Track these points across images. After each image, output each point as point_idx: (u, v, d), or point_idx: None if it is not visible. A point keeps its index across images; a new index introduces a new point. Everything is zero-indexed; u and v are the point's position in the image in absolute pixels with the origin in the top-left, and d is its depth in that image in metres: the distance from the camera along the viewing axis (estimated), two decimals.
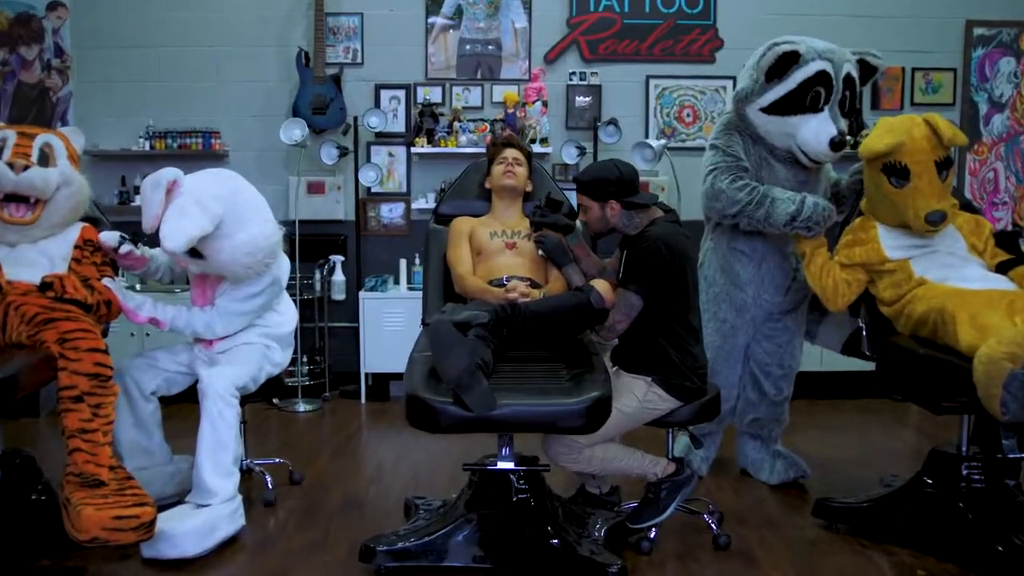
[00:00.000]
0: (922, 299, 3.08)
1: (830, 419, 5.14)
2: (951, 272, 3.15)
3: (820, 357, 4.94)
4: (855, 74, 3.54)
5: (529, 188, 3.59)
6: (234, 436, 3.19)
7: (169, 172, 3.01)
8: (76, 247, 3.25)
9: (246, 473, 3.65)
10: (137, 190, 5.57)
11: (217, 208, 3.02)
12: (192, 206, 2.99)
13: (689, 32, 5.71)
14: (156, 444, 3.44)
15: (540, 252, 3.30)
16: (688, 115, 5.78)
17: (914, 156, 3.14)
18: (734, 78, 5.62)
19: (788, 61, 3.40)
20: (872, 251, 3.29)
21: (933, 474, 3.18)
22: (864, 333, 3.43)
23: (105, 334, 3.35)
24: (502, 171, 3.49)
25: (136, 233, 3.41)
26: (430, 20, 5.67)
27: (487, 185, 3.58)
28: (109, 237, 3.27)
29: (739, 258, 3.70)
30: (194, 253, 3.09)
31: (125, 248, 3.27)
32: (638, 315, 2.96)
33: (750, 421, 3.93)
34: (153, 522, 2.78)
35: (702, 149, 5.52)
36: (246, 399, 3.40)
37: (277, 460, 3.94)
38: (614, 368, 3.13)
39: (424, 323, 3.29)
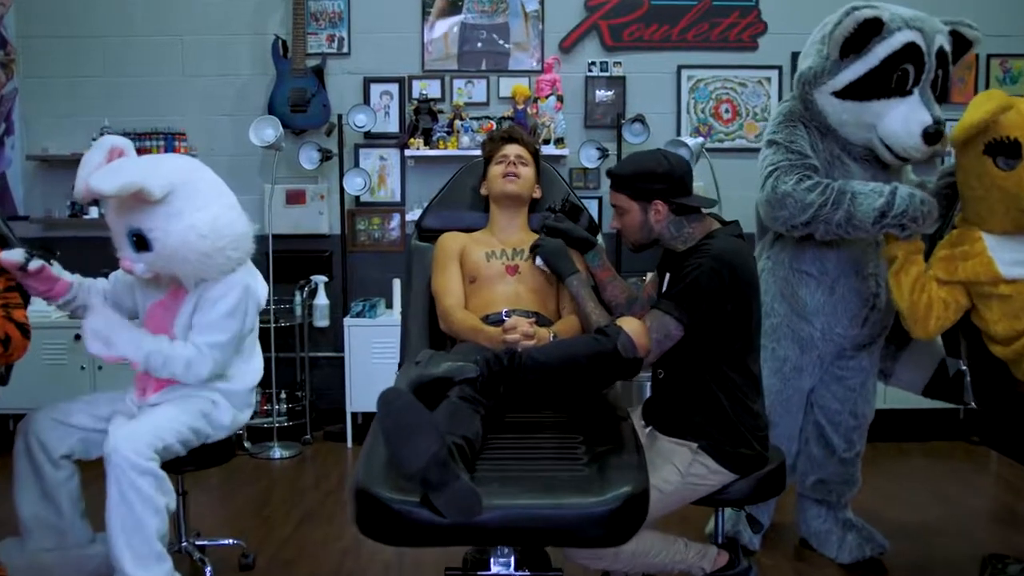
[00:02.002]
0: None
1: (897, 468, 4.49)
2: None
3: (883, 393, 4.28)
4: (948, 48, 2.92)
5: (537, 194, 2.95)
6: (156, 509, 2.53)
7: (117, 139, 2.67)
8: None
9: (184, 556, 3.01)
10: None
11: (165, 179, 2.54)
12: (135, 163, 2.61)
13: (727, 15, 5.15)
14: (68, 522, 2.79)
15: (537, 261, 2.65)
16: (726, 111, 5.22)
17: None
18: (780, 67, 5.24)
19: (869, 31, 2.78)
20: (981, 266, 2.65)
21: None
22: (967, 378, 2.78)
23: (3, 381, 2.76)
24: (501, 172, 2.84)
25: (47, 248, 2.83)
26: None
27: (483, 191, 2.94)
28: (12, 254, 2.68)
29: (805, 281, 3.05)
30: (139, 244, 2.59)
31: (35, 264, 2.67)
32: (681, 358, 2.32)
33: (814, 483, 3.28)
34: None
35: (743, 150, 5.12)
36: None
37: (230, 541, 3.30)
38: (647, 428, 2.47)
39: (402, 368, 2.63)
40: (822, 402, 3.20)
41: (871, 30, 2.77)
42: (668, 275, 2.44)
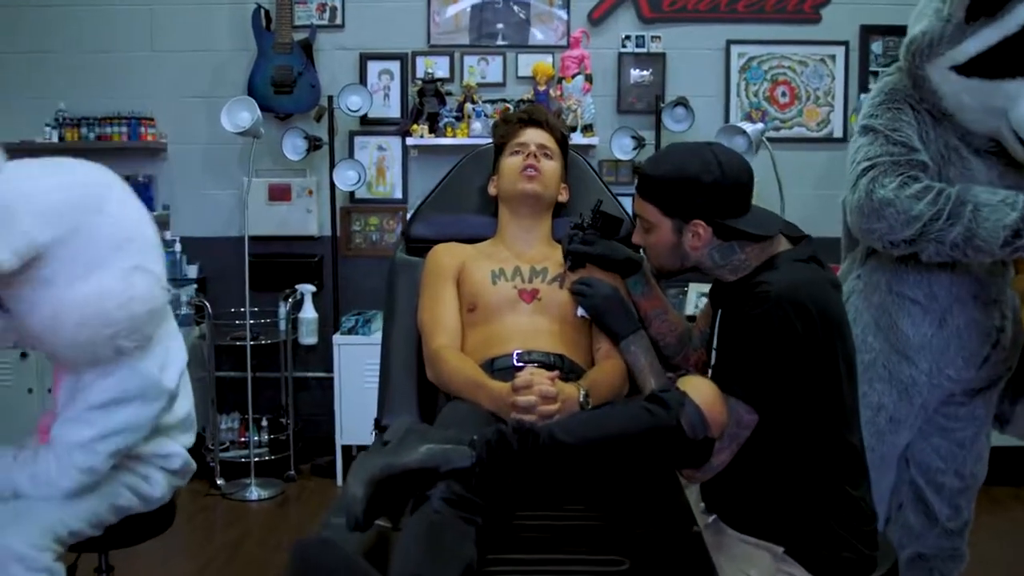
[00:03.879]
0: None
1: (992, 522, 3.89)
2: None
3: None
4: None
5: (563, 197, 2.40)
6: None
7: None
8: None
9: None
10: None
11: (26, 236, 1.82)
12: None
13: None
14: None
15: (580, 312, 2.05)
16: (783, 94, 4.78)
17: None
18: (846, 44, 4.75)
19: None
20: None
21: None
22: None
23: None
24: (518, 167, 2.28)
25: None
26: None
27: (492, 190, 2.38)
28: None
29: (908, 309, 2.47)
30: None
31: None
32: (754, 433, 1.75)
33: (910, 558, 2.71)
34: None
35: (802, 140, 4.60)
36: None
37: None
38: (710, 518, 1.88)
39: (380, 426, 2.04)
40: (921, 458, 2.63)
41: None
42: (720, 313, 1.88)
